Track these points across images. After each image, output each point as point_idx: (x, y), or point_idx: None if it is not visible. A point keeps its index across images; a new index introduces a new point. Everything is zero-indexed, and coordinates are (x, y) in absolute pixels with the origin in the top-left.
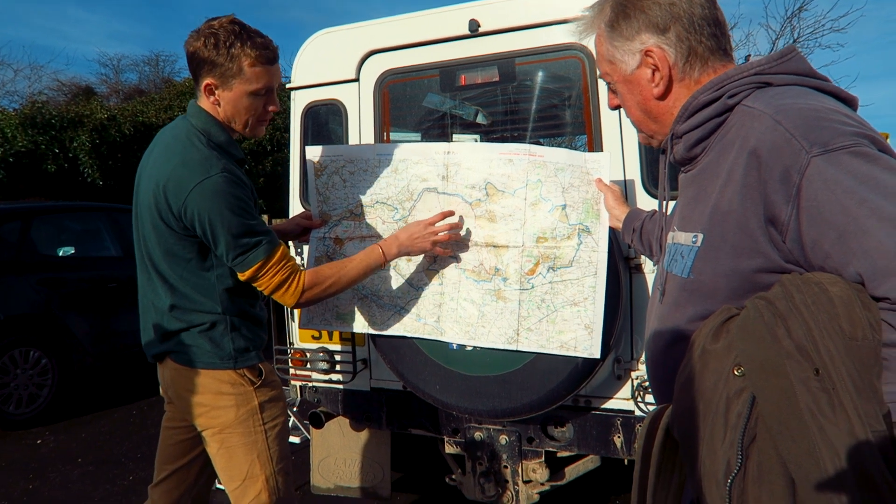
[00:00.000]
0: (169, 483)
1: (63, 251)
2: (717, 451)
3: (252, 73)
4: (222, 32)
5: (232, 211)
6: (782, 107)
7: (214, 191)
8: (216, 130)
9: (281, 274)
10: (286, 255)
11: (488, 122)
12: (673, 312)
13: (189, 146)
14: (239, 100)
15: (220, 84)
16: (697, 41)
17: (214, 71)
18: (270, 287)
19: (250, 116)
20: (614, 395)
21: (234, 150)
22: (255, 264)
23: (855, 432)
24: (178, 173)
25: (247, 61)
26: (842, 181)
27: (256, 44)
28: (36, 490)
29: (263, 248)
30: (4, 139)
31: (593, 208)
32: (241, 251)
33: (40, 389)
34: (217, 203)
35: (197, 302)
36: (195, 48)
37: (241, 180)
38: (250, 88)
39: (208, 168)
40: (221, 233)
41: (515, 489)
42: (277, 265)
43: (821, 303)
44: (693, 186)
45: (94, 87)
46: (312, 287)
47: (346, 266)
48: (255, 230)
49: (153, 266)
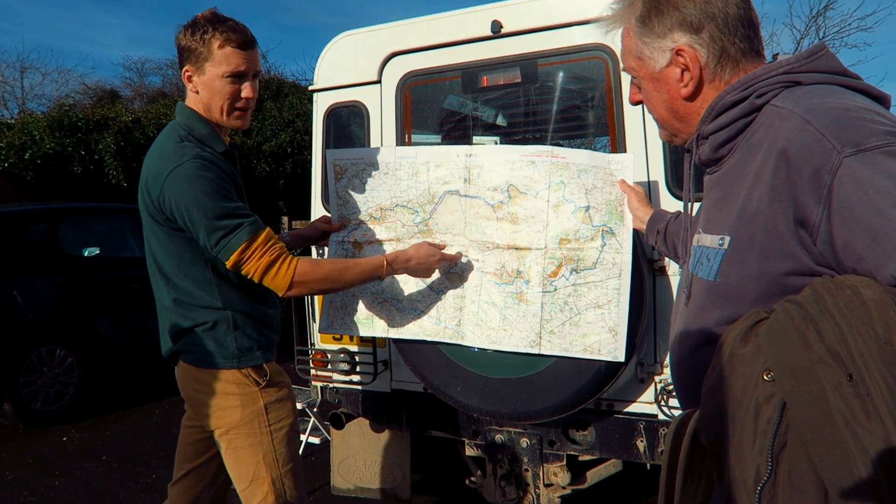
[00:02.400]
0: (187, 481)
1: (88, 251)
2: (747, 458)
3: (221, 55)
4: (200, 20)
5: (206, 194)
6: (812, 106)
7: (186, 175)
8: (198, 125)
9: (268, 256)
10: (271, 237)
11: (507, 123)
12: (699, 316)
13: (167, 140)
14: (211, 83)
15: (194, 70)
16: (731, 42)
17: (190, 57)
18: (258, 271)
19: (224, 102)
20: (637, 398)
21: (216, 142)
22: (238, 247)
23: (890, 439)
24: (155, 165)
25: (216, 43)
26: (875, 181)
27: (227, 27)
28: (61, 486)
29: (245, 229)
30: (33, 141)
31: (617, 210)
32: (222, 234)
33: (66, 387)
34: (191, 188)
35: (197, 297)
36: (177, 39)
37: (216, 165)
38: (220, 71)
39: (180, 156)
40: (199, 217)
41: (536, 492)
42: (263, 247)
43: (854, 306)
44: (719, 188)
45: (118, 91)
46: (307, 275)
47: (348, 267)
48: (233, 213)
49: (156, 264)
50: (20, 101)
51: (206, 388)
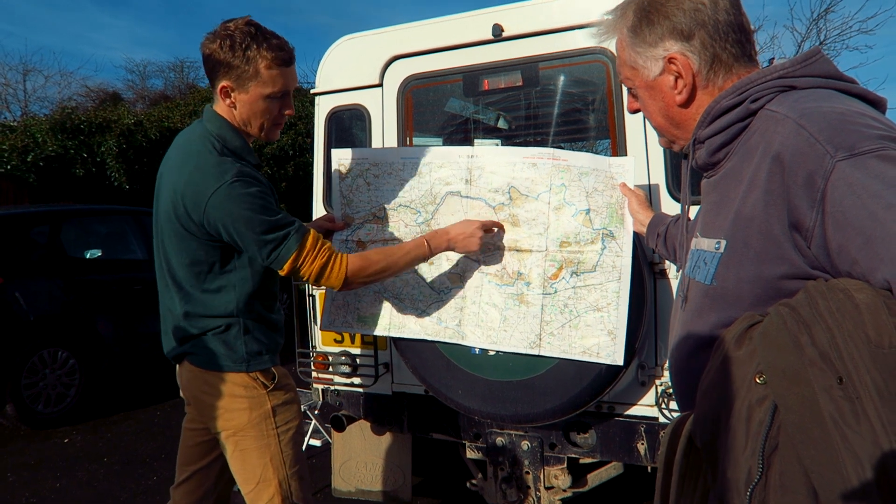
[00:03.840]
0: (190, 484)
1: (90, 254)
2: (739, 460)
3: (269, 76)
4: (238, 34)
5: (253, 211)
6: (806, 110)
7: (231, 195)
8: (231, 135)
9: (320, 258)
10: (318, 238)
11: (508, 126)
12: (696, 319)
13: (203, 152)
14: (255, 102)
15: (236, 87)
16: (722, 48)
17: (230, 73)
18: (314, 274)
19: (265, 119)
20: (638, 401)
21: (249, 155)
22: (291, 256)
23: (879, 442)
24: (195, 181)
25: (263, 63)
26: (868, 185)
27: (273, 45)
28: (63, 488)
29: (293, 238)
30: (35, 144)
31: (617, 213)
32: (273, 247)
33: (68, 389)
34: (237, 207)
35: (211, 307)
36: (211, 50)
37: (258, 179)
38: (266, 91)
39: (223, 173)
40: (247, 233)
41: (537, 495)
42: (313, 251)
43: (846, 310)
44: (716, 192)
45: (120, 93)
46: (359, 269)
47: (395, 254)
48: (279, 224)
49: (170, 273)
50: (23, 104)
51: (213, 390)
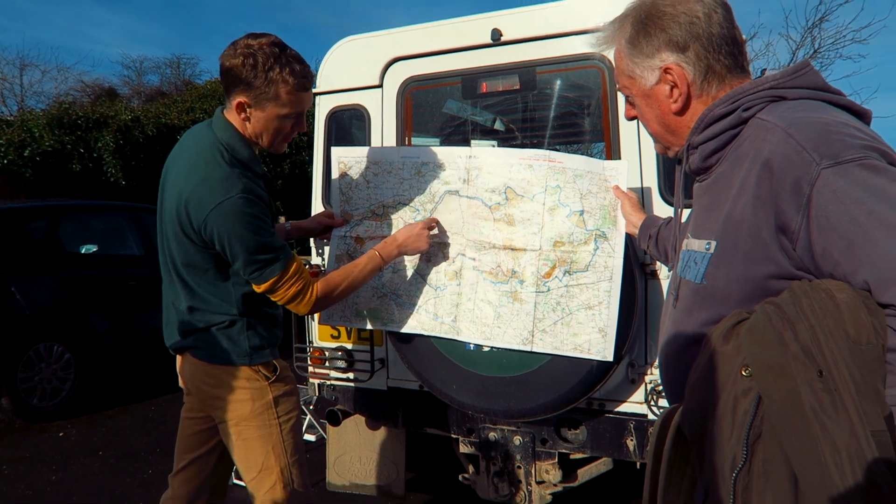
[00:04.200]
0: (188, 472)
1: (86, 249)
2: (724, 448)
3: (287, 100)
4: (261, 55)
5: (249, 230)
6: (794, 120)
7: (233, 212)
8: (241, 146)
9: (296, 287)
10: (300, 268)
11: (504, 128)
12: (686, 317)
13: (212, 162)
14: (270, 121)
15: (253, 104)
16: (715, 59)
17: (250, 91)
18: (286, 299)
19: (277, 136)
20: (628, 398)
21: (256, 166)
22: (272, 279)
23: (855, 431)
24: (200, 191)
25: (284, 88)
26: (851, 192)
27: (295, 72)
28: (59, 481)
29: (279, 263)
30: (32, 139)
31: (610, 215)
32: (258, 267)
33: (63, 383)
34: (236, 224)
35: (214, 304)
36: (232, 65)
37: (260, 198)
38: (283, 112)
39: (229, 188)
40: (239, 250)
41: (528, 489)
42: (292, 279)
43: (827, 308)
44: (707, 195)
45: (116, 89)
46: (324, 296)
47: (353, 271)
48: (270, 247)
49: (175, 270)
50: (19, 99)
51: (217, 382)
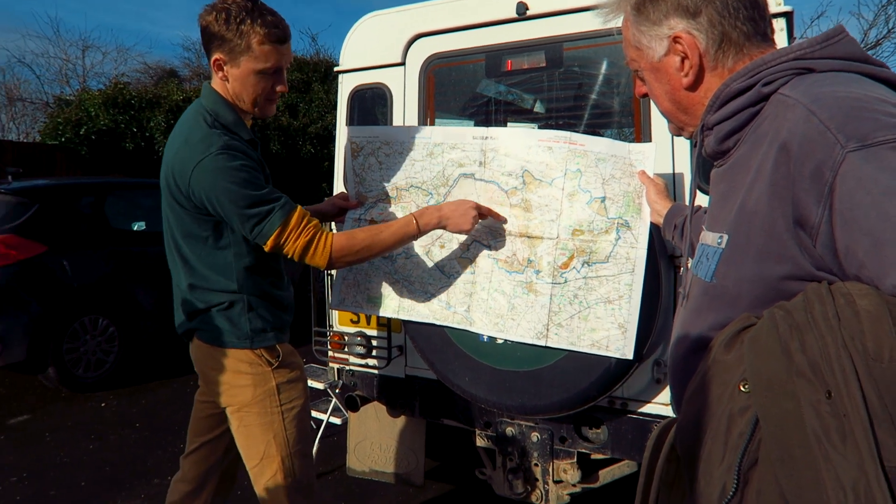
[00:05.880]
0: (198, 455)
1: (137, 226)
2: (714, 473)
3: (261, 52)
4: (234, 8)
5: (236, 184)
6: (820, 95)
7: (214, 167)
8: (224, 111)
9: (305, 236)
10: (304, 215)
11: (531, 108)
12: (694, 319)
13: (193, 125)
14: (246, 77)
15: (228, 60)
16: (732, 26)
17: (224, 46)
18: (297, 251)
19: (258, 95)
20: (653, 399)
21: (242, 130)
22: (274, 232)
23: (864, 467)
24: (182, 154)
25: (255, 38)
26: (880, 180)
27: (267, 21)
28: (96, 451)
29: (277, 213)
30: (88, 118)
31: (634, 202)
32: (256, 222)
33: (107, 356)
34: (219, 179)
35: (213, 281)
36: (207, 22)
37: (245, 153)
38: (258, 67)
39: (207, 146)
40: (231, 208)
41: (545, 488)
42: (298, 228)
43: (844, 316)
44: (724, 182)
45: (177, 70)
46: (343, 248)
47: (382, 232)
48: (264, 199)
49: (175, 245)
50: (81, 79)
51: (219, 365)
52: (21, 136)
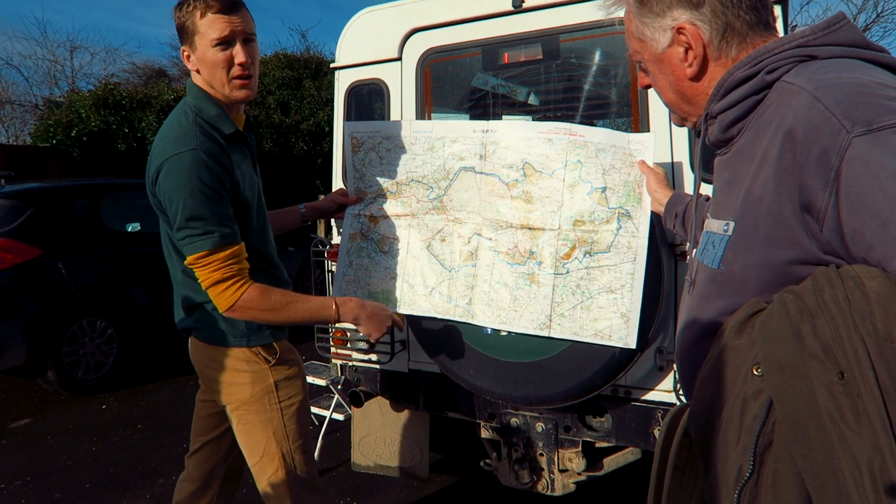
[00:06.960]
0: (202, 454)
1: (131, 227)
2: (730, 455)
3: (205, 24)
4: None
5: (191, 192)
6: (824, 82)
7: (181, 167)
8: (207, 105)
9: (222, 272)
10: (235, 256)
11: (526, 101)
12: (702, 305)
13: (175, 123)
14: (204, 56)
15: (189, 48)
16: (735, 15)
17: (183, 35)
18: (207, 282)
19: (220, 72)
20: (655, 386)
21: (225, 124)
22: (197, 253)
23: (879, 444)
24: (157, 149)
25: (198, 14)
26: (886, 164)
27: None
28: (98, 452)
29: (211, 239)
30: (79, 119)
31: (635, 192)
32: (188, 234)
33: (106, 358)
34: (181, 180)
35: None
36: (174, 20)
37: (220, 163)
38: (207, 41)
39: (182, 143)
40: (177, 209)
41: (551, 477)
42: (221, 262)
43: (854, 299)
44: (728, 170)
45: (165, 69)
46: (253, 301)
47: (298, 303)
48: (209, 217)
49: (169, 239)
50: (70, 80)
51: (216, 364)
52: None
